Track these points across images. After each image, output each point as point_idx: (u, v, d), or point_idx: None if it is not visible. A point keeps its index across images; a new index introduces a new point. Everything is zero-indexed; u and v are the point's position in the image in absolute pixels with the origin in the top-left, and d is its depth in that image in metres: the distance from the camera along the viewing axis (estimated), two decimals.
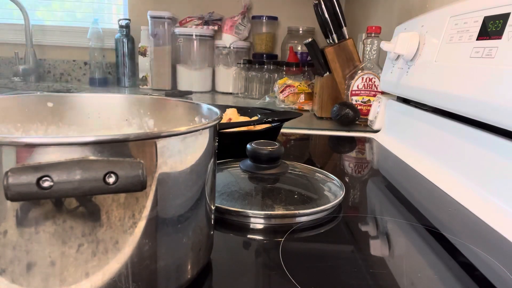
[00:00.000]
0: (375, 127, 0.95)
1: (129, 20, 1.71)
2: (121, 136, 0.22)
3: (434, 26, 0.70)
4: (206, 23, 1.72)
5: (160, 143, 0.24)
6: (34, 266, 0.21)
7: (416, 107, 0.76)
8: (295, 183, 0.49)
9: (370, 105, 1.03)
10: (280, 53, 1.77)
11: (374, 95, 1.04)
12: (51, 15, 1.85)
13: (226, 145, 0.54)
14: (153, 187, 0.24)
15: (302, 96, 1.27)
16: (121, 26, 1.69)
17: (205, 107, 0.36)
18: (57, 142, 0.20)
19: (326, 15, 1.11)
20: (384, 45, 0.82)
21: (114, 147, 0.22)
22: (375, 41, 1.05)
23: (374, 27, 1.05)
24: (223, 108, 0.76)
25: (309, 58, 1.48)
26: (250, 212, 0.41)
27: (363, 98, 1.06)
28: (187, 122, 0.38)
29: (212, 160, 0.29)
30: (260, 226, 0.40)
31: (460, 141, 0.57)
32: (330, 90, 1.11)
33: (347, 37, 1.11)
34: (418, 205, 0.49)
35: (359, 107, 1.04)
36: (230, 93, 1.67)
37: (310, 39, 1.10)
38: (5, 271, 0.21)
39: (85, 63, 1.82)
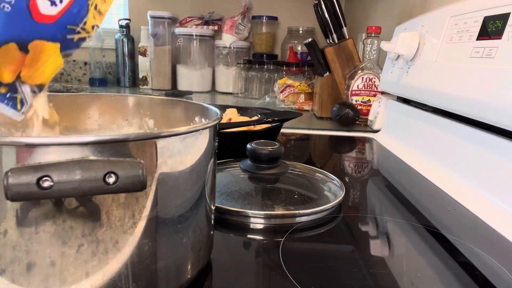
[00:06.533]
0: (375, 127, 0.95)
1: (129, 20, 1.71)
2: (121, 136, 0.22)
3: (434, 26, 0.70)
4: (206, 23, 1.72)
5: (160, 143, 0.24)
6: (34, 266, 0.21)
7: (416, 107, 0.76)
8: (295, 183, 0.49)
9: (370, 105, 1.03)
10: (280, 53, 1.77)
11: (374, 95, 1.04)
12: None
13: (226, 145, 0.54)
14: (153, 187, 0.24)
15: (302, 96, 1.27)
16: (121, 26, 1.69)
17: (205, 107, 0.36)
18: (57, 142, 0.20)
19: (326, 15, 1.11)
20: (384, 45, 0.82)
21: (114, 147, 0.22)
22: (375, 41, 1.05)
23: (374, 27, 1.05)
24: (223, 108, 0.76)
25: (309, 58, 1.48)
26: (250, 212, 0.41)
27: (363, 98, 1.06)
28: (187, 122, 0.38)
29: (212, 160, 0.29)
30: (260, 226, 0.40)
31: (460, 141, 0.57)
32: (330, 90, 1.11)
33: (347, 37, 1.11)
34: (418, 205, 0.49)
35: (359, 107, 1.04)
36: (230, 93, 1.67)
37: (310, 39, 1.10)
38: (5, 271, 0.21)
39: (85, 63, 1.82)
